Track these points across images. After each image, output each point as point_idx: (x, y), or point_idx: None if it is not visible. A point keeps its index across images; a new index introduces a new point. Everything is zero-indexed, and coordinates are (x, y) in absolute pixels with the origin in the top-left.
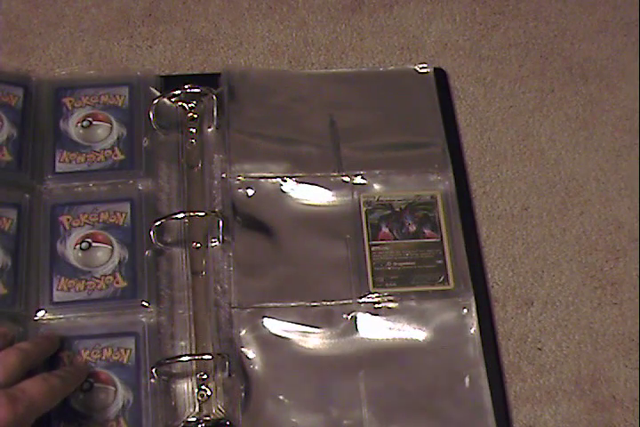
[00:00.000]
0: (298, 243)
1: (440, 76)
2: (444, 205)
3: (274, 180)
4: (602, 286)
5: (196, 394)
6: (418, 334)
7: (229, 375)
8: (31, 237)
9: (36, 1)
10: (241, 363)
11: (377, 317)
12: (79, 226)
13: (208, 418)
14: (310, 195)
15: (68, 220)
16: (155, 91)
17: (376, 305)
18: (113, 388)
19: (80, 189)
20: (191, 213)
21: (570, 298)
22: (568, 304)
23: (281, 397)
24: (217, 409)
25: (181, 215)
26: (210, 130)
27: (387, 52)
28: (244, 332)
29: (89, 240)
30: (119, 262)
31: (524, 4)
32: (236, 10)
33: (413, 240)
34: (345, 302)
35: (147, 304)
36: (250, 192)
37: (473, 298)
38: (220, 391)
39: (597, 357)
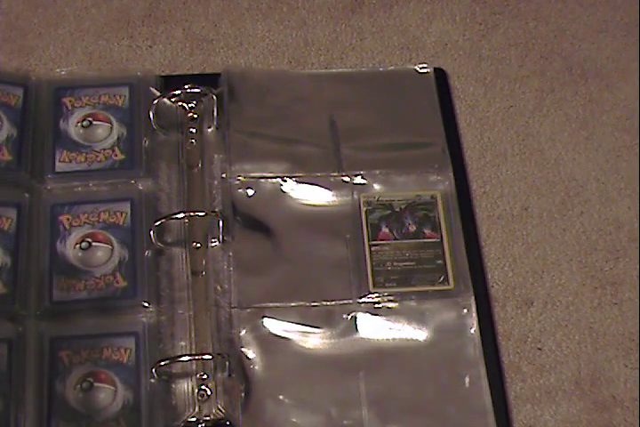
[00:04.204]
0: (298, 243)
1: (440, 76)
2: (444, 205)
3: (274, 180)
4: (602, 286)
5: (196, 394)
6: (418, 334)
7: (229, 375)
8: (31, 236)
9: (36, 1)
10: (241, 363)
11: (377, 317)
12: (79, 225)
13: (208, 418)
14: (310, 195)
15: (68, 219)
16: (155, 91)
17: (376, 305)
18: (113, 388)
19: (80, 188)
20: (191, 213)
21: (570, 298)
22: (568, 304)
23: (281, 397)
24: (217, 409)
25: (181, 215)
26: (210, 130)
27: (387, 52)
28: (244, 332)
29: (89, 240)
30: (119, 262)
31: (523, 3)
32: (236, 10)
33: (413, 240)
34: (345, 302)
35: (147, 304)
36: (250, 192)
37: (473, 298)
38: (220, 391)
39: (597, 357)
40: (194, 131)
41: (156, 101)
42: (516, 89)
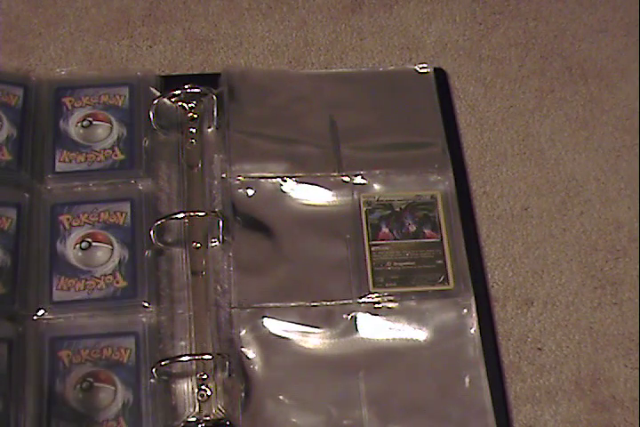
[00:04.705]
0: (298, 243)
1: (440, 76)
2: (444, 205)
3: (274, 180)
4: (602, 286)
5: (196, 394)
6: (418, 334)
7: (229, 375)
8: (31, 236)
9: (36, 1)
10: (241, 363)
11: (377, 317)
12: (79, 225)
13: (208, 418)
14: (310, 195)
15: (68, 219)
16: (155, 91)
17: (376, 305)
18: (113, 387)
19: (80, 188)
20: (191, 213)
21: (570, 298)
22: (568, 304)
23: (281, 397)
24: (217, 409)
25: (181, 215)
26: (210, 130)
27: (387, 52)
28: (244, 332)
29: (89, 240)
30: (119, 262)
31: (523, 3)
32: (236, 10)
33: (413, 240)
34: (345, 302)
35: (147, 304)
36: (250, 192)
37: (473, 298)
38: (220, 391)
39: (597, 357)
40: (194, 131)
41: (156, 101)
42: (516, 89)
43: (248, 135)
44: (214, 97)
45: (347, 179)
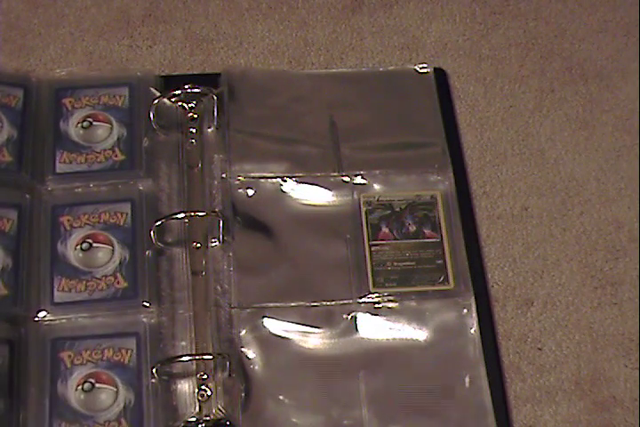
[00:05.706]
0: (298, 243)
1: (440, 76)
2: (444, 205)
3: (274, 180)
4: (602, 286)
5: (196, 394)
6: (418, 334)
7: (229, 375)
8: (32, 237)
9: (36, 1)
10: (241, 363)
11: (377, 317)
12: (80, 226)
13: (208, 418)
14: (310, 195)
15: (69, 220)
16: (155, 91)
17: (376, 305)
18: (114, 388)
19: (80, 189)
20: (191, 213)
21: (570, 298)
22: (568, 304)
23: (281, 397)
24: (217, 409)
25: (181, 215)
26: (210, 130)
27: (387, 52)
28: (244, 332)
29: (89, 241)
30: (120, 263)
31: (523, 3)
32: (236, 10)
33: (413, 240)
34: (345, 302)
35: (147, 304)
36: (250, 192)
37: (473, 298)
38: (220, 391)
39: (597, 357)
40: (194, 131)
41: (156, 101)
42: (515, 89)
43: (248, 135)
44: (214, 97)
45: (347, 179)
